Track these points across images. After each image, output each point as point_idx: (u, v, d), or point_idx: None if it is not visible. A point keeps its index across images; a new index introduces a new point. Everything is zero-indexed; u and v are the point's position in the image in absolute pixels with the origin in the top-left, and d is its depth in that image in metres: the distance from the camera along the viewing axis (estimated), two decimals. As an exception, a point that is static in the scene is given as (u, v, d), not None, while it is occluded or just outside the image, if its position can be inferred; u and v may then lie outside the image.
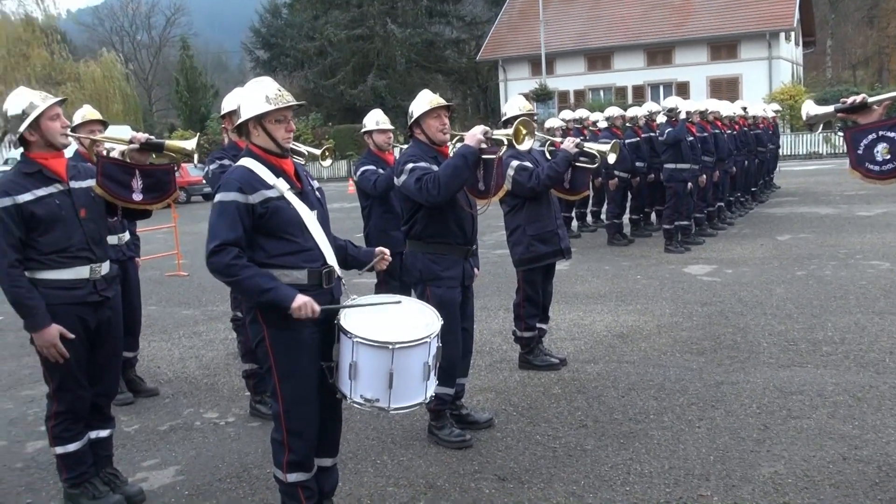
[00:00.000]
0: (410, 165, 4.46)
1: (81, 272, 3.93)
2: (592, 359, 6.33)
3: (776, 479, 4.06)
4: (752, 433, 4.66)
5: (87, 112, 5.68)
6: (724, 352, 6.28)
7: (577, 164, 5.95)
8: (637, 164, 11.96)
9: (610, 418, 5.04)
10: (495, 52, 40.63)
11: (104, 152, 4.59)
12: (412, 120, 4.65)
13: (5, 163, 30.35)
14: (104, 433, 4.25)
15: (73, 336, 3.87)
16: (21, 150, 3.98)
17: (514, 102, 5.92)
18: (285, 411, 3.48)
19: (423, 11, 44.96)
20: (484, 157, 4.55)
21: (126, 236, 5.90)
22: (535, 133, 4.71)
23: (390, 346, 3.31)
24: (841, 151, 29.69)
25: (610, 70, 38.17)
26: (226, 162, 5.25)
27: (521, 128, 4.56)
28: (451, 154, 4.56)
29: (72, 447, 4.05)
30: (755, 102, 18.54)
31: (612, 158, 5.83)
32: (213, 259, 3.35)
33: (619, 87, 37.51)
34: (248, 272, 3.34)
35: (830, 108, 4.10)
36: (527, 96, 12.02)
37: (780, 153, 19.48)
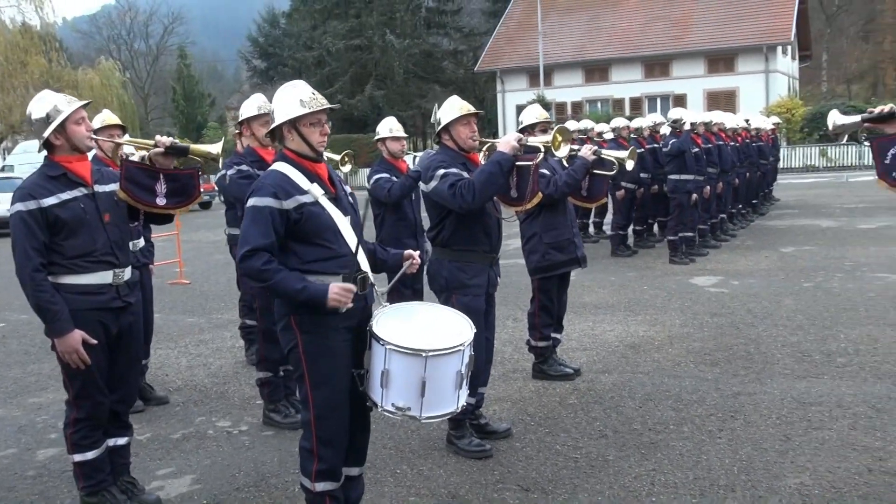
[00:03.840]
0: (442, 171, 4.43)
1: (105, 277, 3.87)
2: (606, 369, 6.30)
3: (803, 491, 4.02)
4: (775, 444, 4.63)
5: (106, 117, 5.67)
6: (739, 362, 6.25)
7: (595, 171, 5.94)
8: (642, 175, 11.97)
9: (629, 429, 5.01)
10: (493, 63, 40.68)
11: (128, 156, 4.55)
12: (440, 126, 4.62)
13: (2, 170, 30.22)
14: (122, 441, 4.18)
15: (95, 342, 3.82)
16: (44, 153, 3.94)
17: (531, 111, 5.90)
18: (316, 418, 3.43)
19: (422, 22, 45.13)
20: (518, 164, 4.53)
21: (140, 243, 5.85)
22: (572, 140, 4.69)
23: (423, 354, 3.26)
24: (837, 165, 29.89)
25: (607, 82, 38.21)
26: (244, 167, 5.22)
27: (558, 135, 4.54)
28: (483, 161, 4.53)
29: (90, 455, 3.99)
30: (756, 115, 18.61)
31: (630, 165, 5.83)
32: (245, 264, 3.32)
33: (616, 100, 37.57)
34: (280, 275, 3.30)
35: (857, 118, 4.10)
36: (522, 108, 11.96)
37: (779, 166, 19.53)
